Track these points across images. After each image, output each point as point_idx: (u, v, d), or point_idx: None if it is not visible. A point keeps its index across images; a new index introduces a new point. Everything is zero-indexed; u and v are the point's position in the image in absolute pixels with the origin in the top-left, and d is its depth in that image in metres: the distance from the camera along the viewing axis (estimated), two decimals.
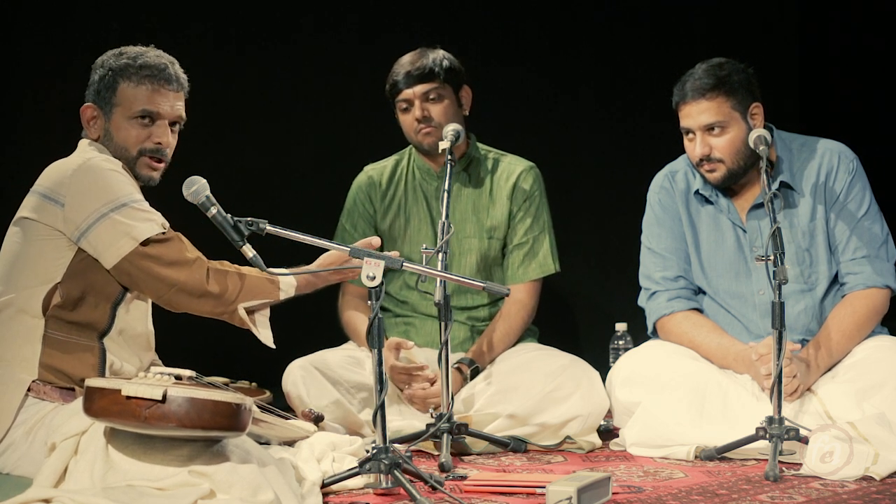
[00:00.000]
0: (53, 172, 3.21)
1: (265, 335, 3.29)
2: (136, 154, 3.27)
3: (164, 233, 3.18)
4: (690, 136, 3.78)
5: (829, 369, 3.69)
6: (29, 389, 3.14)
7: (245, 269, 3.25)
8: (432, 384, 3.82)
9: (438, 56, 4.00)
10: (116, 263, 3.15)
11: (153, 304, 3.37)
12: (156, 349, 3.57)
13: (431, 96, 3.96)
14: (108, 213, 3.13)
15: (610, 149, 5.26)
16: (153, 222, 3.17)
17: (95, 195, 3.14)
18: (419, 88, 3.95)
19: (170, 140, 3.31)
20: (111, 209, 3.14)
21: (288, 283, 3.28)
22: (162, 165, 3.31)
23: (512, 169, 4.11)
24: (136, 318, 3.30)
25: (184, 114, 3.34)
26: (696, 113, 3.73)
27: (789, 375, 3.51)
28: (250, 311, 3.26)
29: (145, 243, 3.14)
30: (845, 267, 3.78)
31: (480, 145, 4.14)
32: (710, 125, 3.72)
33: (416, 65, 3.97)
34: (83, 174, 3.16)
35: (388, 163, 4.19)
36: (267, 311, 3.32)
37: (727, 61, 3.77)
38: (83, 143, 3.32)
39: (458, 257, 4.08)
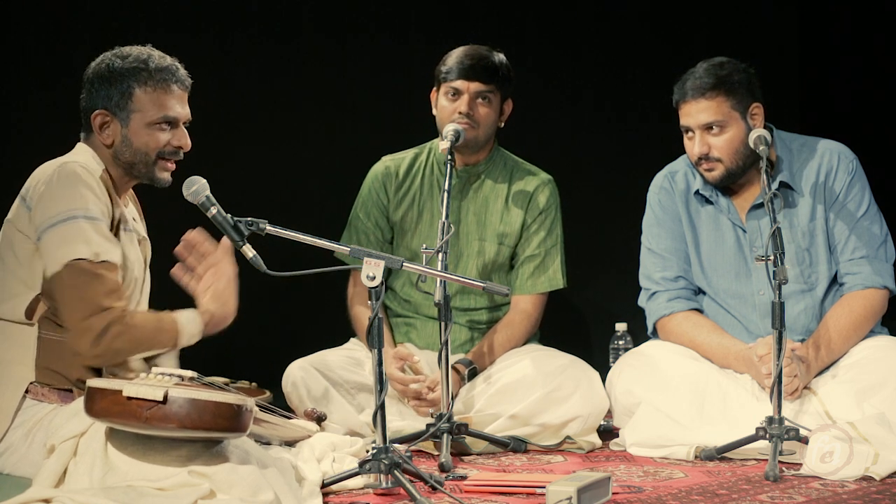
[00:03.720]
0: (35, 174, 3.19)
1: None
2: (155, 157, 3.25)
3: (91, 260, 3.05)
4: (690, 134, 3.78)
5: (827, 369, 3.70)
6: (27, 391, 3.12)
7: (151, 321, 3.13)
8: (432, 389, 3.81)
9: (503, 61, 3.98)
10: (54, 273, 3.06)
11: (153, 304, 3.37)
12: None
13: (482, 98, 3.94)
14: (56, 224, 3.07)
15: (610, 149, 5.26)
16: (90, 245, 3.06)
17: (57, 202, 3.08)
18: (475, 86, 3.92)
19: (188, 142, 3.29)
20: (62, 220, 3.07)
21: (190, 333, 3.16)
22: (174, 167, 3.30)
23: (530, 179, 4.09)
24: None
25: (190, 114, 3.33)
26: (695, 112, 3.73)
27: (790, 375, 3.51)
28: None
29: (73, 263, 3.04)
30: (844, 267, 3.78)
31: (504, 151, 4.13)
32: (708, 124, 3.72)
33: (481, 62, 3.93)
34: (54, 179, 3.11)
35: (406, 155, 4.17)
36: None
37: (728, 61, 3.78)
38: (79, 147, 3.28)
39: (465, 259, 4.07)
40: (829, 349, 3.67)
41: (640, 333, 4.12)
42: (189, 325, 3.15)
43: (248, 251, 3.09)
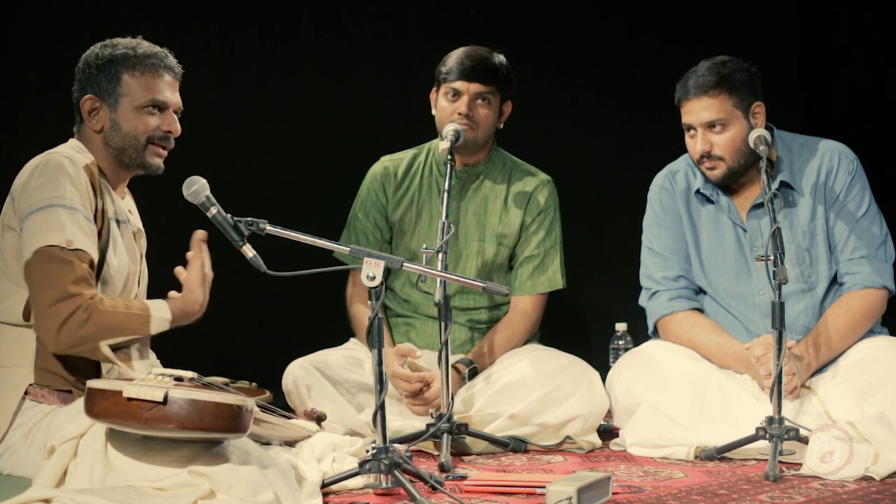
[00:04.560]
0: (23, 169, 3.20)
1: (137, 367, 3.16)
2: (145, 142, 3.25)
3: (63, 247, 3.03)
4: (692, 132, 3.78)
5: (825, 367, 3.70)
6: (26, 393, 3.11)
7: (120, 307, 3.09)
8: (429, 385, 3.81)
9: (503, 63, 3.98)
10: (26, 260, 3.05)
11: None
12: (155, 349, 3.57)
13: (482, 99, 3.94)
14: (34, 212, 3.07)
15: (610, 148, 5.26)
16: (63, 233, 3.05)
17: (37, 191, 3.09)
18: (475, 87, 3.92)
19: (178, 127, 3.29)
20: (40, 208, 3.07)
21: (160, 318, 3.13)
22: (166, 152, 3.29)
23: (529, 180, 4.09)
24: None
25: (181, 103, 3.33)
26: (697, 110, 3.73)
27: (788, 374, 3.51)
28: (124, 345, 3.15)
29: (44, 249, 3.03)
30: (844, 267, 3.78)
31: (503, 151, 4.13)
32: (711, 122, 3.72)
33: (482, 63, 3.93)
34: (37, 170, 3.13)
35: (405, 155, 4.17)
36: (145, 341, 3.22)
37: (731, 59, 3.78)
38: (70, 141, 3.28)
39: (465, 259, 4.07)
40: (828, 347, 3.68)
41: (640, 333, 4.12)
42: (159, 312, 3.13)
43: (248, 251, 3.09)
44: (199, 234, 3.18)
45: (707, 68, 3.75)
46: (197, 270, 3.20)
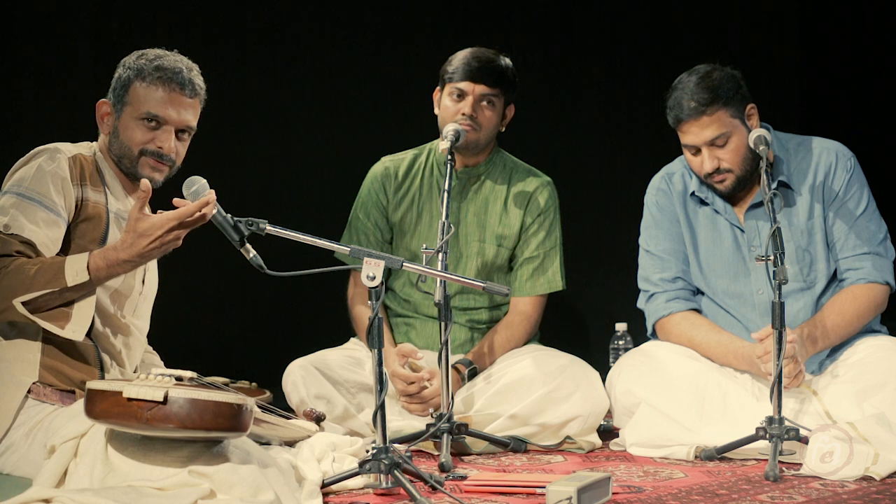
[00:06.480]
0: None
1: (72, 329, 3.07)
2: (138, 154, 3.25)
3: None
4: (695, 151, 3.76)
5: (824, 367, 3.70)
6: (29, 391, 3.12)
7: (31, 265, 3.02)
8: (430, 381, 3.81)
9: (509, 66, 3.98)
10: None
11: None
12: (157, 350, 3.57)
13: (486, 101, 3.94)
14: (6, 192, 3.14)
15: (610, 149, 5.26)
16: (4, 218, 3.05)
17: (10, 178, 3.15)
18: (480, 88, 3.92)
19: (172, 146, 3.26)
20: (3, 193, 3.13)
21: (75, 268, 3.02)
22: (165, 168, 3.27)
23: (530, 181, 4.09)
24: (105, 313, 3.25)
25: (193, 123, 3.30)
26: (698, 130, 3.71)
27: (790, 358, 3.50)
28: (48, 307, 3.04)
29: None
30: (845, 263, 3.78)
31: (504, 153, 4.13)
32: (714, 139, 3.70)
33: (488, 65, 3.93)
34: (21, 159, 3.18)
35: (406, 155, 4.17)
36: (87, 302, 3.08)
37: (713, 68, 3.75)
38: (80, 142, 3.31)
39: (465, 259, 4.07)
40: (835, 331, 3.66)
41: (640, 333, 4.12)
42: (74, 262, 3.02)
43: (248, 251, 3.09)
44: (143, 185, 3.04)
45: (696, 85, 3.71)
46: (135, 218, 3.03)
